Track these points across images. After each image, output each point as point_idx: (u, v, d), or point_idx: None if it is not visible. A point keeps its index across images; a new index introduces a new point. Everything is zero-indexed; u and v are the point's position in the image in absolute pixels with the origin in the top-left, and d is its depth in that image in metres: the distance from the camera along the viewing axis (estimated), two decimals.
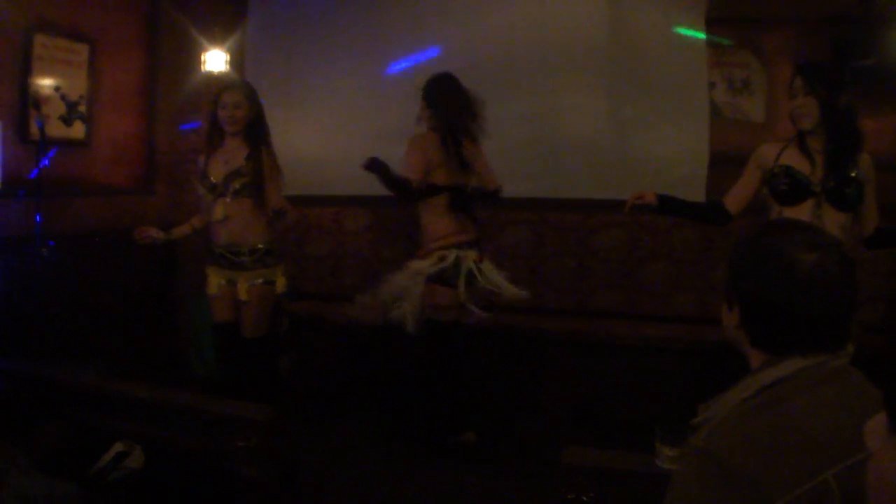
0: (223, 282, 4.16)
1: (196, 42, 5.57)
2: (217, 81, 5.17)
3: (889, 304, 4.85)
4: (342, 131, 5.78)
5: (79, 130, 5.10)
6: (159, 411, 3.24)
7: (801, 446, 1.26)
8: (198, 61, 5.58)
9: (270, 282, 4.18)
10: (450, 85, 4.28)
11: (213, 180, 4.11)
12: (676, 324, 5.03)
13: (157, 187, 5.76)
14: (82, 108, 5.10)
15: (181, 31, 5.60)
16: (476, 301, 4.24)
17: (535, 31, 5.26)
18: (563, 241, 5.38)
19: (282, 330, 4.78)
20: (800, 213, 3.16)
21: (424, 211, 4.30)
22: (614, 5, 5.22)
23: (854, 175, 3.22)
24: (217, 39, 5.56)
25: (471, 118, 4.28)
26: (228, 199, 4.08)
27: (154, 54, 5.71)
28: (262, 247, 4.14)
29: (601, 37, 5.23)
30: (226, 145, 4.18)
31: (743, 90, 5.28)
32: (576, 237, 5.40)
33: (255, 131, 4.15)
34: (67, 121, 5.00)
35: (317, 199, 5.79)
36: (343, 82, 5.80)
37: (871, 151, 3.32)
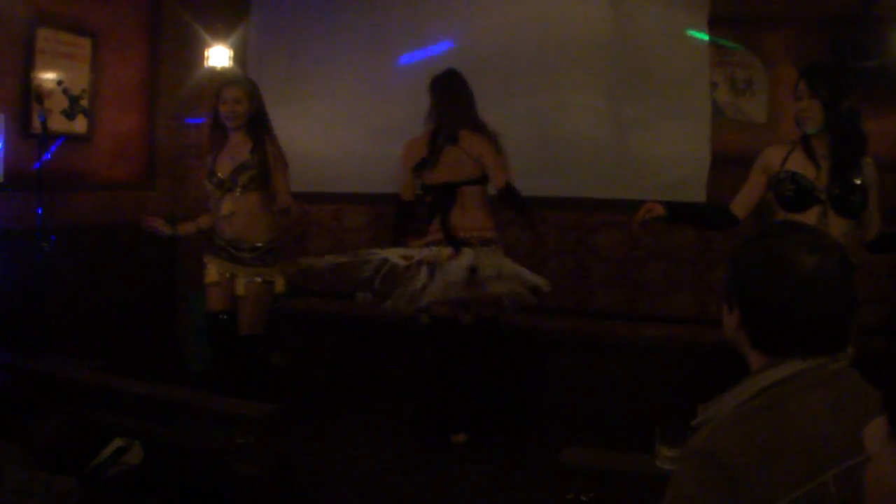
0: (223, 271, 4.17)
1: (199, 38, 5.57)
2: (219, 77, 5.16)
3: (889, 305, 4.85)
4: (344, 128, 5.78)
5: (81, 124, 5.11)
6: (158, 408, 3.24)
7: (801, 448, 1.26)
8: (201, 57, 5.58)
9: (269, 281, 4.18)
10: (446, 80, 4.32)
11: (221, 176, 4.12)
12: (675, 324, 5.03)
13: (158, 182, 5.76)
14: (84, 103, 5.10)
15: (184, 27, 5.60)
16: (463, 301, 4.28)
17: (538, 30, 5.26)
18: (562, 240, 5.37)
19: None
20: (805, 220, 3.14)
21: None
22: (617, 4, 5.21)
23: (859, 182, 3.21)
24: (220, 35, 5.55)
25: (468, 110, 4.29)
26: (237, 194, 4.09)
27: (157, 49, 5.71)
28: (263, 245, 4.14)
29: (603, 36, 5.22)
30: (230, 141, 4.18)
31: (745, 90, 5.27)
32: (575, 236, 5.40)
33: (258, 125, 4.16)
34: (69, 115, 5.00)
35: (317, 196, 5.78)
36: (345, 80, 5.79)
37: (872, 153, 3.32)
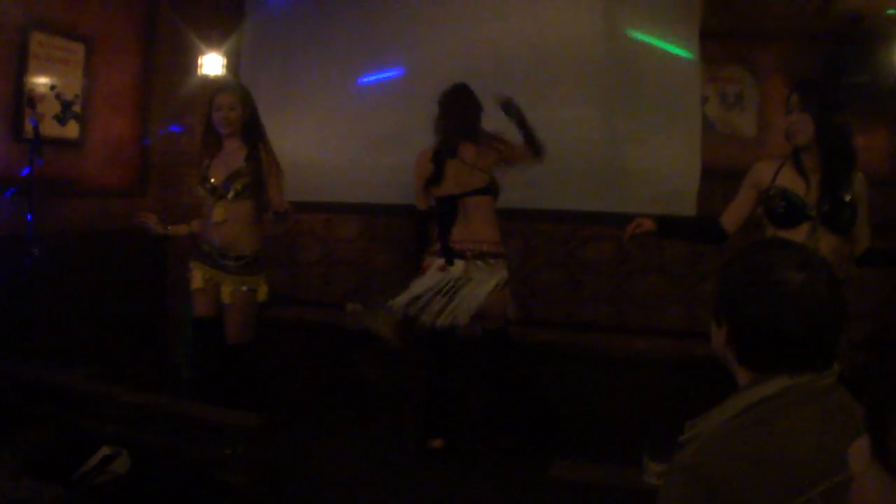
0: (208, 278, 4.16)
1: (193, 45, 5.57)
2: (212, 84, 5.17)
3: (876, 321, 4.87)
4: (336, 138, 5.78)
5: (73, 130, 5.10)
6: (146, 416, 3.23)
7: (788, 465, 1.27)
8: (194, 64, 5.58)
9: (253, 290, 4.17)
10: (451, 94, 4.37)
11: (214, 182, 4.11)
12: (665, 337, 5.04)
13: (150, 190, 5.75)
14: (77, 108, 5.10)
15: (178, 34, 5.60)
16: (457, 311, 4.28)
17: (530, 43, 5.27)
18: (553, 253, 5.38)
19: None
20: (795, 236, 3.16)
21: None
22: (609, 18, 5.22)
23: (849, 198, 3.23)
24: (214, 43, 5.56)
25: (470, 122, 4.33)
26: (229, 201, 4.08)
27: (150, 56, 5.71)
28: (249, 255, 4.13)
29: (595, 49, 5.24)
30: (224, 148, 4.18)
31: (735, 105, 5.30)
32: (566, 249, 5.41)
33: (252, 132, 4.15)
34: (62, 120, 4.99)
35: (309, 206, 5.77)
36: (338, 89, 5.80)
37: (862, 168, 3.34)
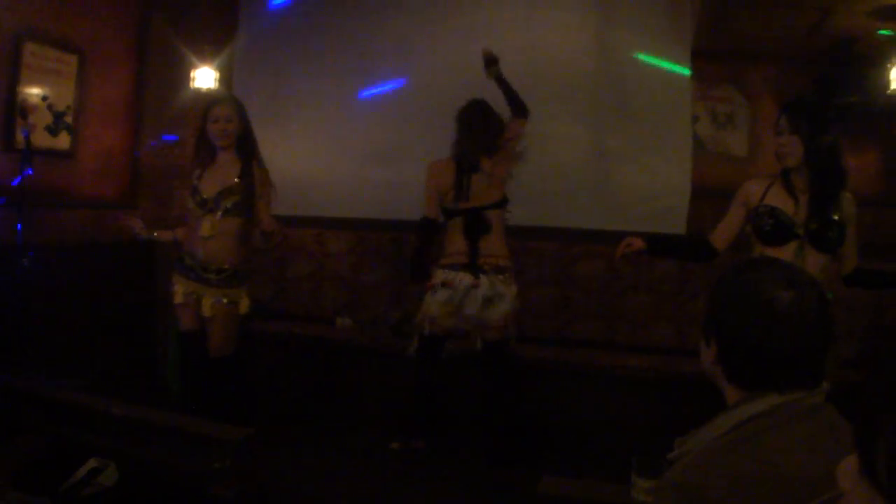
0: (189, 292, 4.13)
1: (185, 58, 5.58)
2: (205, 96, 5.17)
3: (864, 339, 4.90)
4: (327, 153, 5.80)
5: (64, 141, 5.09)
6: (134, 429, 3.21)
7: (776, 483, 1.28)
8: (186, 78, 5.58)
9: (234, 302, 4.14)
10: (468, 110, 4.45)
11: (205, 196, 4.07)
12: (655, 354, 5.05)
13: (141, 202, 5.73)
14: (69, 119, 5.09)
15: (171, 47, 5.61)
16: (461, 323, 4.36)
17: (523, 60, 5.27)
18: (544, 270, 5.39)
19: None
20: (783, 254, 3.18)
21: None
22: (601, 37, 5.25)
23: (836, 218, 3.25)
24: (207, 57, 5.57)
25: (488, 138, 4.39)
26: (218, 217, 4.05)
27: (143, 69, 5.71)
28: (230, 268, 4.09)
29: (586, 68, 5.26)
30: (217, 160, 4.15)
31: (726, 124, 5.34)
32: (557, 266, 5.42)
33: (246, 146, 4.13)
34: (53, 131, 4.98)
35: (299, 220, 5.78)
36: (329, 104, 5.81)
37: (852, 189, 3.36)
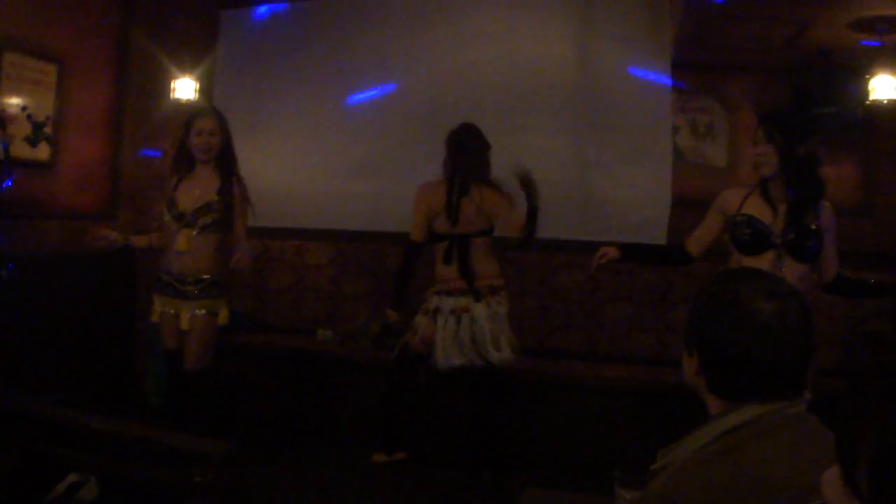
0: (166, 310, 4.09)
1: (165, 69, 5.56)
2: (187, 108, 5.15)
3: (845, 348, 4.93)
4: (307, 164, 5.79)
5: (44, 152, 5.05)
6: (114, 443, 3.19)
7: (759, 493, 1.28)
8: (167, 88, 5.57)
9: (213, 313, 4.09)
10: (459, 134, 4.38)
11: (181, 209, 4.04)
12: (636, 365, 5.06)
13: (120, 213, 5.70)
14: (48, 130, 5.05)
15: (151, 58, 5.60)
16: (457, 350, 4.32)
17: (503, 72, 5.31)
18: (524, 281, 5.39)
19: None
20: (760, 263, 3.20)
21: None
22: (581, 48, 5.27)
23: (814, 227, 3.28)
24: (187, 68, 5.56)
25: (480, 164, 4.36)
26: (194, 233, 4.02)
27: (123, 79, 5.68)
28: (208, 277, 4.06)
29: (567, 79, 5.28)
30: (196, 173, 4.12)
31: (706, 135, 5.38)
32: (537, 277, 5.43)
33: (225, 160, 4.11)
34: (33, 141, 4.95)
35: (279, 232, 5.77)
36: (310, 116, 5.81)
37: (831, 198, 3.39)
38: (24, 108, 4.85)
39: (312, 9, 5.92)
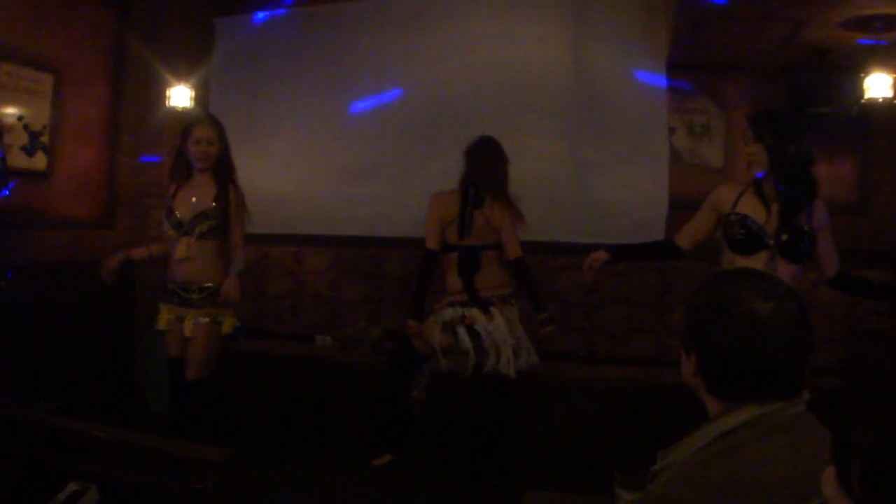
0: (172, 318, 4.11)
1: (161, 77, 5.56)
2: (184, 116, 5.15)
3: (844, 346, 4.93)
4: (305, 170, 5.79)
5: (40, 161, 5.04)
6: (115, 451, 3.18)
7: (759, 493, 1.28)
8: (162, 96, 5.57)
9: (218, 321, 4.11)
10: (477, 147, 4.39)
11: (179, 217, 4.06)
12: (634, 366, 5.06)
13: (119, 222, 5.69)
14: (45, 139, 5.05)
15: (146, 66, 5.59)
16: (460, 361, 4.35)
17: (500, 74, 5.31)
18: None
19: None
20: (753, 263, 3.20)
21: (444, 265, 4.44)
22: (577, 50, 5.27)
23: (807, 228, 3.28)
24: (182, 75, 5.56)
25: (496, 178, 4.36)
26: (193, 240, 4.03)
27: (119, 88, 5.68)
28: (212, 286, 4.07)
29: (564, 81, 5.28)
30: (194, 181, 4.13)
31: (702, 136, 5.39)
32: (536, 279, 5.42)
33: (223, 169, 4.12)
34: (29, 151, 4.94)
35: (278, 238, 5.77)
36: (306, 122, 5.81)
37: (827, 197, 3.39)
38: (20, 118, 4.84)
39: (307, 15, 5.93)
